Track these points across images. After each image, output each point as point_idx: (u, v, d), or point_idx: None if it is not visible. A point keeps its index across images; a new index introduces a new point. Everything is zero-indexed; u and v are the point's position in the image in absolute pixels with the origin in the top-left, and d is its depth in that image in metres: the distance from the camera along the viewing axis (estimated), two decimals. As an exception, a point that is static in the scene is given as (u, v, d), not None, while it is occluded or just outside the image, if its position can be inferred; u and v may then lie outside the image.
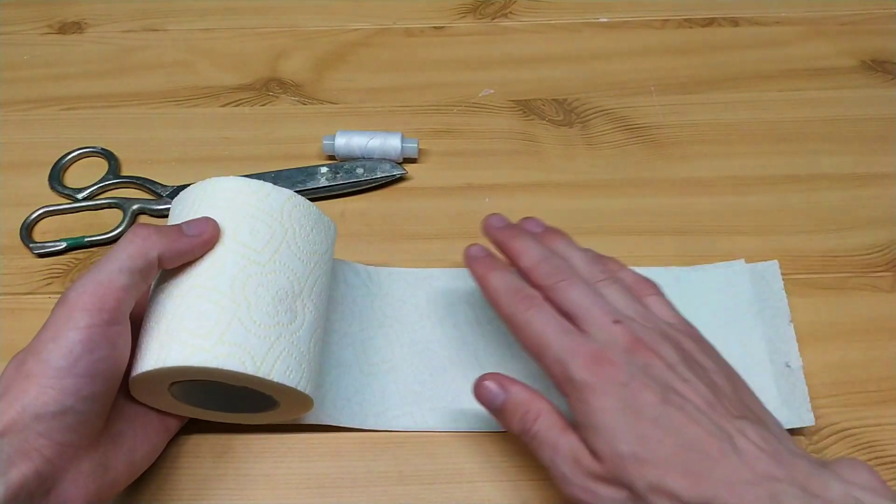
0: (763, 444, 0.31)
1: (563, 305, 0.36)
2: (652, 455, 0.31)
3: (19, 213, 0.49)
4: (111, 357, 0.33)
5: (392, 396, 0.42)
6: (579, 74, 0.57)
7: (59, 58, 0.58)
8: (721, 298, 0.45)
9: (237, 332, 0.34)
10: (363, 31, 0.60)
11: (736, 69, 0.57)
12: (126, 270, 0.34)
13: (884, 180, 0.50)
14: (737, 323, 0.44)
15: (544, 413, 0.35)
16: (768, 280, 0.45)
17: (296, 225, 0.38)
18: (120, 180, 0.51)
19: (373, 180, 0.50)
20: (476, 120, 0.54)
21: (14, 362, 0.33)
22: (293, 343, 0.36)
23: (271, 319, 0.35)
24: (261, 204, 0.37)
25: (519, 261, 0.38)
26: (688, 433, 0.31)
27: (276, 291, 0.36)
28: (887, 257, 0.47)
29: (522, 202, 0.50)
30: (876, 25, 0.59)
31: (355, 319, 0.44)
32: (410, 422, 0.41)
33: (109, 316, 0.33)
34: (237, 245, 0.36)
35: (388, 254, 0.47)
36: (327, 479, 0.40)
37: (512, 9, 0.61)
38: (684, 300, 0.44)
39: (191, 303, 0.35)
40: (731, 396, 0.33)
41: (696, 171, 0.51)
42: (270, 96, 0.56)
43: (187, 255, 0.35)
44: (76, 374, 0.32)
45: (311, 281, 0.38)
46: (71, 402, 0.32)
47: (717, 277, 0.45)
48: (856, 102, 0.54)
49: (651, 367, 0.33)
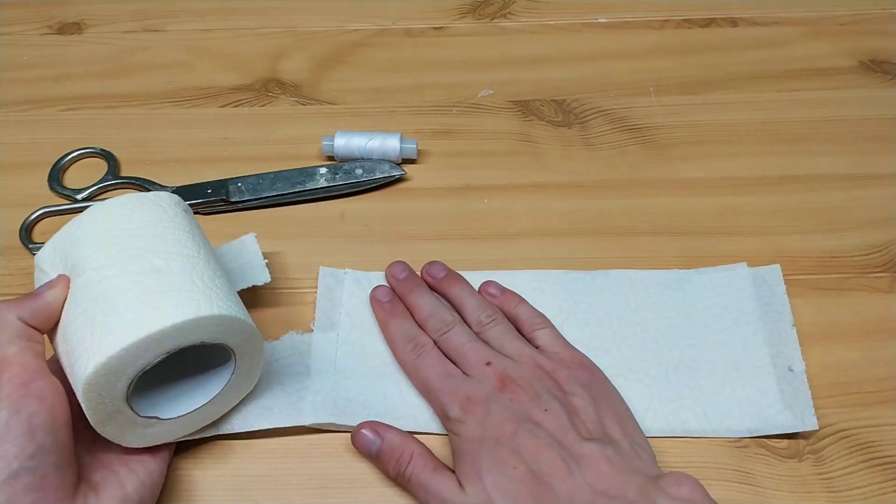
0: (606, 465, 0.35)
1: (449, 353, 0.41)
2: (508, 479, 0.35)
3: (19, 214, 0.49)
4: (44, 409, 0.33)
5: (393, 398, 0.42)
6: (578, 75, 0.57)
7: (58, 58, 0.58)
8: (723, 302, 0.45)
9: (157, 296, 0.34)
10: (363, 32, 0.60)
11: (735, 69, 0.57)
12: (8, 341, 0.34)
13: (883, 181, 0.51)
14: (739, 326, 0.44)
15: (416, 456, 0.38)
16: (771, 284, 0.45)
17: (141, 217, 0.38)
18: (119, 181, 0.51)
19: (372, 181, 0.50)
20: (475, 120, 0.54)
21: None
22: (208, 286, 0.36)
23: (179, 278, 0.35)
24: (126, 216, 0.37)
25: (414, 313, 0.44)
26: (539, 458, 0.36)
27: (164, 258, 0.36)
28: (886, 258, 0.47)
29: (521, 203, 0.50)
30: (875, 25, 0.59)
31: (355, 327, 0.44)
32: (413, 424, 0.41)
33: (22, 380, 0.33)
34: (111, 245, 0.36)
35: (387, 254, 0.47)
36: (327, 480, 0.40)
37: (511, 9, 0.61)
38: (686, 303, 0.44)
39: (100, 301, 0.34)
40: (590, 419, 0.37)
41: (695, 171, 0.51)
42: (270, 97, 0.56)
43: (46, 308, 0.35)
44: (13, 437, 0.32)
45: (185, 243, 0.37)
46: (17, 464, 0.32)
47: (720, 281, 0.45)
48: (855, 102, 0.54)
49: (514, 402, 0.38)
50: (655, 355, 0.43)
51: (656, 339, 0.43)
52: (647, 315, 0.44)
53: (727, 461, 0.40)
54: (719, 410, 0.41)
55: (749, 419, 0.41)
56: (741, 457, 0.40)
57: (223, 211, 0.50)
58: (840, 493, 0.39)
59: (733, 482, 0.39)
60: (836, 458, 0.40)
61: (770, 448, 0.40)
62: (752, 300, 0.44)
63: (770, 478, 0.39)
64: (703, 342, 0.43)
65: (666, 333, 0.44)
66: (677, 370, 0.42)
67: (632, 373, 0.42)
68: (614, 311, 0.44)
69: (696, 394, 0.41)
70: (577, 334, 0.43)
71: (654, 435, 0.40)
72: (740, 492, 0.39)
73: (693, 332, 0.44)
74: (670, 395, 0.41)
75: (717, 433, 0.40)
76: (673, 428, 0.41)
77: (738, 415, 0.41)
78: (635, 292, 0.45)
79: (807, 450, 0.40)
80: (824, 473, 0.39)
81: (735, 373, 0.42)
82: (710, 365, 0.42)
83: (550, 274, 0.46)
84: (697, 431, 0.40)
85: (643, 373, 0.42)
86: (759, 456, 0.40)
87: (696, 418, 0.41)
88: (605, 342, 0.43)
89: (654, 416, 0.41)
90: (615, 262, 0.47)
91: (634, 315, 0.44)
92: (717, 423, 0.41)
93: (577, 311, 0.44)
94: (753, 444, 0.40)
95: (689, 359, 0.43)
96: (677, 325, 0.44)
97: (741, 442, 0.40)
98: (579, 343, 0.42)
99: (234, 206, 0.50)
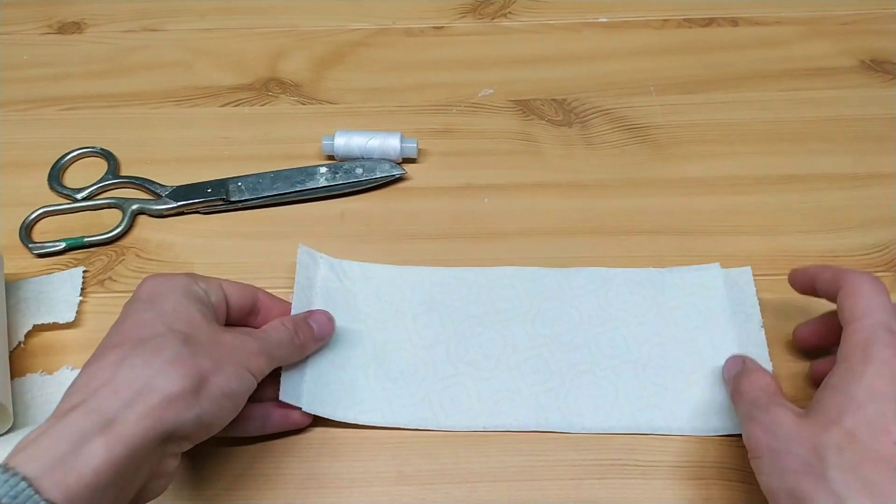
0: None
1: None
2: None
3: (19, 213, 0.49)
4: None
5: (361, 391, 0.42)
6: (578, 74, 0.57)
7: (58, 58, 0.58)
8: (694, 301, 0.45)
9: None
10: (363, 31, 0.60)
11: (735, 69, 0.57)
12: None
13: (883, 180, 0.50)
14: (709, 326, 0.44)
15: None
16: (741, 286, 0.45)
17: None
18: (119, 180, 0.51)
19: (372, 180, 0.50)
20: (475, 120, 0.54)
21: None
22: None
23: None
24: None
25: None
26: None
27: None
28: (886, 257, 0.47)
29: (522, 202, 0.50)
30: (876, 25, 0.59)
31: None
32: (379, 418, 0.41)
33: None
34: None
35: (387, 254, 0.47)
36: (327, 479, 0.40)
37: (511, 9, 0.61)
38: (657, 302, 0.45)
39: None
40: None
41: (696, 171, 0.51)
42: (270, 96, 0.56)
43: None
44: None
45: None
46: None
47: (691, 280, 0.45)
48: (855, 102, 0.54)
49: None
50: (624, 352, 0.43)
51: (625, 337, 0.44)
52: (618, 313, 0.44)
53: (728, 461, 0.40)
54: (686, 409, 0.41)
55: (715, 418, 0.41)
56: (742, 456, 0.40)
57: (223, 210, 0.50)
58: (841, 493, 0.39)
59: (734, 482, 0.39)
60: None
61: (771, 448, 0.40)
62: (722, 300, 0.44)
63: (771, 477, 0.39)
64: (673, 340, 0.43)
65: (635, 331, 0.44)
66: (645, 368, 0.43)
67: (600, 369, 0.42)
68: (584, 307, 0.45)
69: (663, 392, 0.42)
70: (547, 330, 0.44)
71: (619, 431, 0.41)
72: (742, 491, 0.39)
73: (663, 330, 0.44)
74: (638, 393, 0.42)
75: (683, 431, 0.41)
76: (639, 425, 0.41)
77: (706, 413, 0.41)
78: (606, 290, 0.45)
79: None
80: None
81: (703, 371, 0.42)
82: (679, 364, 0.43)
83: (522, 270, 0.46)
84: (664, 429, 0.41)
85: (611, 370, 0.42)
86: (759, 455, 0.40)
87: (662, 416, 0.41)
88: (575, 338, 0.44)
89: (620, 413, 0.41)
90: (615, 262, 0.47)
91: (604, 312, 0.44)
92: (683, 421, 0.41)
93: (546, 308, 0.45)
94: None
95: (657, 357, 0.43)
96: (647, 324, 0.44)
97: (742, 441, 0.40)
98: (549, 339, 0.43)
99: (233, 206, 0.50)
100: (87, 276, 0.47)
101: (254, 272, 0.47)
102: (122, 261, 0.48)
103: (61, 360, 0.43)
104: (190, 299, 0.37)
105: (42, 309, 0.44)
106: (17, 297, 0.45)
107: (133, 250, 0.48)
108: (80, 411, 0.31)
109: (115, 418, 0.31)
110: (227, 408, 0.35)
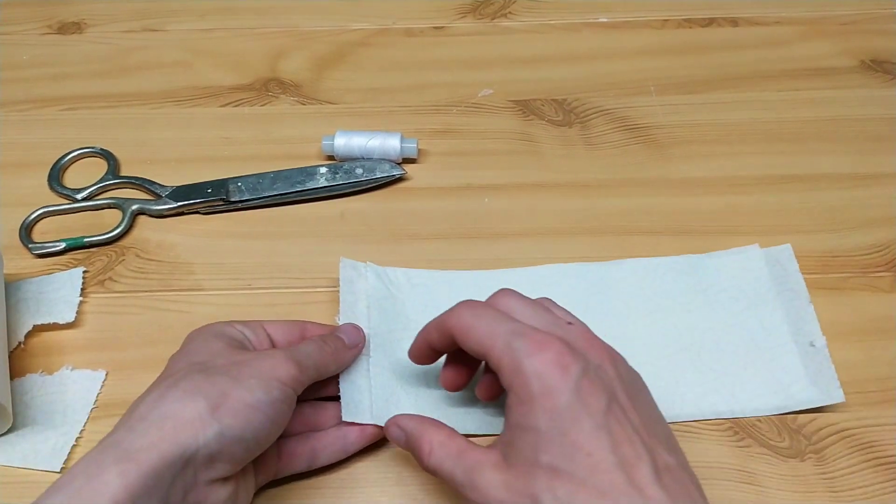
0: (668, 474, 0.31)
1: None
2: (576, 468, 0.30)
3: (18, 214, 0.49)
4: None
5: (425, 399, 0.41)
6: (579, 74, 0.57)
7: (58, 58, 0.58)
8: (738, 283, 0.45)
9: None
10: (363, 31, 0.60)
11: (736, 69, 0.57)
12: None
13: (883, 180, 0.50)
14: (756, 306, 0.44)
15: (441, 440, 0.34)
16: (783, 263, 0.45)
17: None
18: (119, 180, 0.51)
19: (372, 180, 0.50)
20: (475, 120, 0.54)
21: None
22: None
23: None
24: None
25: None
26: (620, 452, 0.30)
27: None
28: (887, 257, 0.47)
29: (522, 202, 0.50)
30: (876, 25, 0.59)
31: (383, 321, 0.43)
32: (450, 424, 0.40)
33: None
34: None
35: (387, 254, 0.47)
36: (327, 480, 0.40)
37: (511, 9, 0.61)
38: (702, 287, 0.45)
39: None
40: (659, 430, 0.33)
41: (696, 171, 0.51)
42: (270, 96, 0.56)
43: None
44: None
45: None
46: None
47: (732, 263, 0.46)
48: (855, 102, 0.54)
49: (602, 370, 0.32)
50: (677, 341, 0.43)
51: (675, 325, 0.44)
52: (664, 302, 0.44)
53: (729, 461, 0.40)
54: (745, 390, 0.41)
55: (775, 397, 0.41)
56: (743, 456, 0.40)
57: (223, 210, 0.50)
58: (842, 493, 0.39)
59: (735, 482, 0.39)
60: (837, 457, 0.40)
61: (772, 447, 0.40)
62: (766, 280, 0.45)
63: (772, 477, 0.39)
64: (723, 324, 0.43)
65: (685, 319, 0.44)
66: (700, 354, 0.43)
67: (657, 360, 0.42)
68: (630, 300, 0.45)
69: (721, 376, 0.42)
70: (598, 325, 0.43)
71: (684, 420, 0.41)
72: (742, 492, 0.39)
73: (711, 315, 0.44)
74: (697, 379, 0.42)
75: (745, 413, 0.41)
76: (703, 412, 0.41)
77: (765, 393, 0.41)
78: (650, 280, 0.45)
79: (808, 449, 0.40)
80: (826, 473, 0.39)
81: (757, 352, 0.42)
82: (732, 347, 0.43)
83: (565, 267, 0.46)
84: (727, 413, 0.41)
85: (667, 359, 0.42)
86: (760, 455, 0.40)
87: (724, 400, 0.41)
88: (626, 331, 0.43)
89: (682, 402, 0.41)
90: (616, 262, 0.47)
91: (651, 303, 0.44)
92: (744, 403, 0.41)
93: (593, 303, 0.44)
94: (755, 443, 0.40)
95: (710, 342, 0.43)
96: (695, 310, 0.44)
97: (743, 441, 0.40)
98: (602, 334, 0.42)
99: (233, 206, 0.50)
100: (87, 277, 0.47)
101: (253, 272, 0.47)
102: (122, 261, 0.48)
103: (61, 361, 0.43)
104: (217, 337, 0.37)
105: (42, 309, 0.44)
106: (17, 298, 0.45)
107: (133, 250, 0.48)
108: (96, 449, 0.31)
109: (130, 448, 0.31)
110: (258, 419, 0.34)
